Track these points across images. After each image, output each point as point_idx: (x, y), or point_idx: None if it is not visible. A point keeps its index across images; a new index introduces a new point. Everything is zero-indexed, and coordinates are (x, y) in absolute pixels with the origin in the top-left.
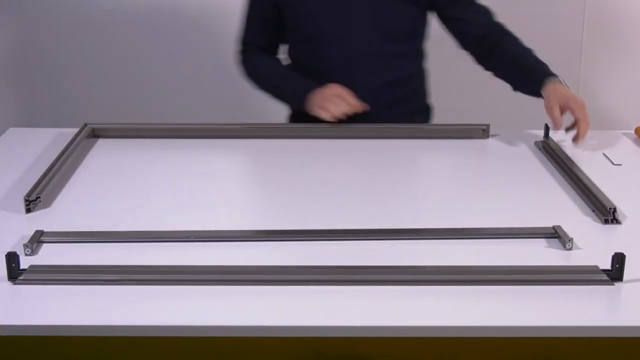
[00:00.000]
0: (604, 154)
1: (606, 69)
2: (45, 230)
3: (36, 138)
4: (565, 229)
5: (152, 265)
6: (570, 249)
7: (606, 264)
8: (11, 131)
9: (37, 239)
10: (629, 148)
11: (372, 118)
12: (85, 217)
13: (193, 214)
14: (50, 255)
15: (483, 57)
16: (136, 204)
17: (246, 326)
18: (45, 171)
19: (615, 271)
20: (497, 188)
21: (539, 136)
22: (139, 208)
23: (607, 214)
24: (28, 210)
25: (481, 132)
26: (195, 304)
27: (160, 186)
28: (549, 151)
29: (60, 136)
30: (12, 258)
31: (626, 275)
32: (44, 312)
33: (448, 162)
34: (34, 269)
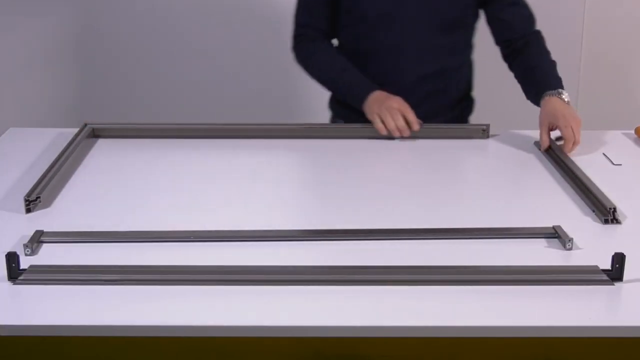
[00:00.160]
0: (604, 154)
1: (606, 69)
2: (45, 230)
3: (36, 138)
4: (565, 229)
5: (152, 265)
6: (570, 249)
7: (606, 264)
8: (11, 131)
9: (37, 239)
10: (629, 148)
11: (415, 107)
12: (85, 217)
13: (193, 214)
14: (50, 255)
15: (508, 58)
16: (136, 204)
17: (246, 326)
18: (45, 171)
19: (615, 271)
20: (497, 188)
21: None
22: (139, 208)
23: (607, 214)
24: (28, 210)
25: (481, 132)
26: (195, 304)
27: (160, 186)
28: (549, 151)
29: (60, 136)
30: (12, 258)
31: (626, 275)
32: (44, 312)
33: (448, 162)
34: (34, 269)
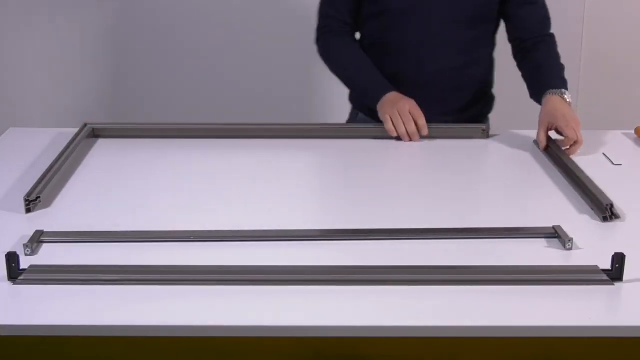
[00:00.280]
0: (604, 154)
1: (606, 69)
2: (45, 230)
3: (36, 138)
4: (565, 229)
5: (152, 265)
6: (570, 249)
7: (606, 264)
8: (11, 131)
9: (37, 239)
10: (629, 148)
11: (436, 101)
12: (85, 217)
13: (193, 214)
14: (50, 255)
15: (517, 56)
16: (136, 204)
17: (246, 326)
18: (45, 171)
19: (615, 271)
20: (497, 188)
21: None
22: (139, 208)
23: (605, 211)
24: (28, 210)
25: (481, 132)
26: (195, 304)
27: (160, 186)
28: (549, 151)
29: (60, 136)
30: (12, 258)
31: (626, 275)
32: (44, 312)
33: (448, 162)
34: (34, 269)
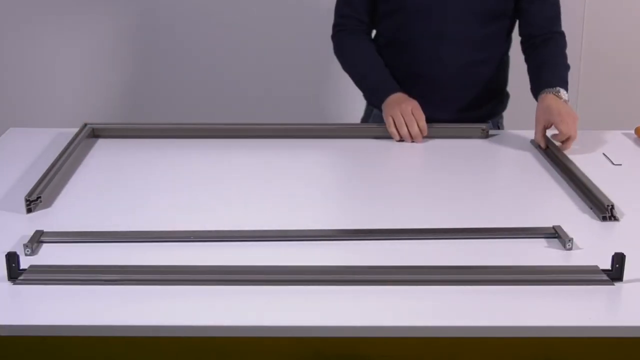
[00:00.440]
0: (604, 154)
1: (606, 69)
2: (45, 230)
3: (36, 138)
4: (565, 229)
5: (152, 265)
6: (570, 249)
7: (606, 264)
8: (11, 131)
9: (37, 239)
10: (629, 148)
11: (451, 97)
12: (85, 217)
13: (193, 214)
14: (50, 255)
15: (526, 52)
16: (136, 204)
17: (246, 326)
18: (45, 171)
19: (615, 271)
20: (497, 188)
21: None
22: (139, 208)
23: (605, 211)
24: (28, 210)
25: (481, 132)
26: (195, 304)
27: (160, 186)
28: (549, 151)
29: (60, 136)
30: (12, 258)
31: (626, 275)
32: (44, 312)
33: (448, 162)
34: (34, 269)
